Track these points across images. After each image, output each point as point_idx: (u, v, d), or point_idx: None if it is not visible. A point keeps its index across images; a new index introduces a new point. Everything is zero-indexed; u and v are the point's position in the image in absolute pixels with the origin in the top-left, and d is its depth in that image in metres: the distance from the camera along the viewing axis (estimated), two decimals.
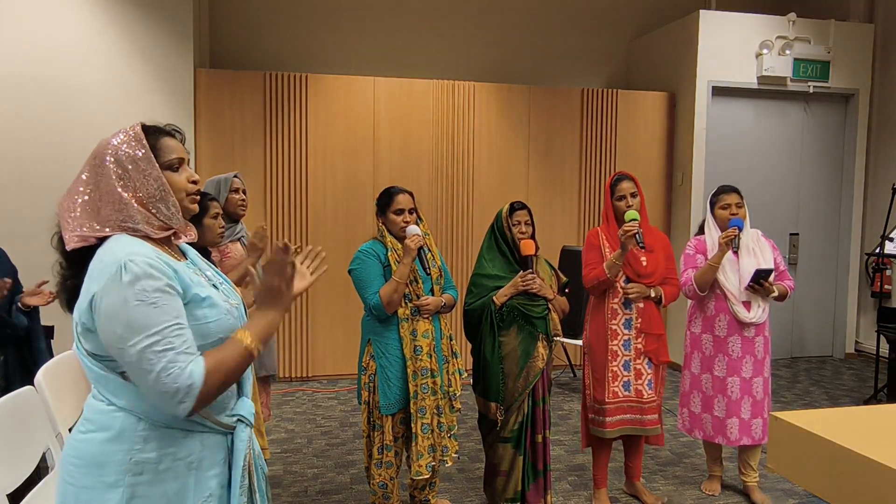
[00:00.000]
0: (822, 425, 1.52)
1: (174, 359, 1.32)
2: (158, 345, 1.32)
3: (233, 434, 1.51)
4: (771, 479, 3.72)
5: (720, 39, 6.06)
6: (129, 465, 1.38)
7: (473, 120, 5.93)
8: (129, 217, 1.43)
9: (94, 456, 1.40)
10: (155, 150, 1.47)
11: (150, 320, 1.33)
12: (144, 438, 1.39)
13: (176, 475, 1.42)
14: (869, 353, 6.48)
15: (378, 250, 2.98)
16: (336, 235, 5.68)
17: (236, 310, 1.57)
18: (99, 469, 1.39)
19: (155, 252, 1.41)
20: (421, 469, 2.93)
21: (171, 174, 1.49)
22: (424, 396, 2.93)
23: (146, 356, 1.31)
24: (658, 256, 3.28)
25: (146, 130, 1.49)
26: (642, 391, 3.23)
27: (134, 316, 1.32)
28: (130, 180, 1.44)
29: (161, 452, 1.40)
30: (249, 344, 1.43)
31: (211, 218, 2.95)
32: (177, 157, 1.50)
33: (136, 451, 1.39)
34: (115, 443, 1.39)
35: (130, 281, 1.33)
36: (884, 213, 5.77)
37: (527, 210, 3.17)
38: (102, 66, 5.12)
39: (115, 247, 1.39)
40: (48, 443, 2.41)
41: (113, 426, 1.40)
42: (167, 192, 1.47)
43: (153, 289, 1.35)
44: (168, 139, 1.51)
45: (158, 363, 1.31)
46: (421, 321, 2.96)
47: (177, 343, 1.34)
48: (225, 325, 1.48)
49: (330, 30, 6.37)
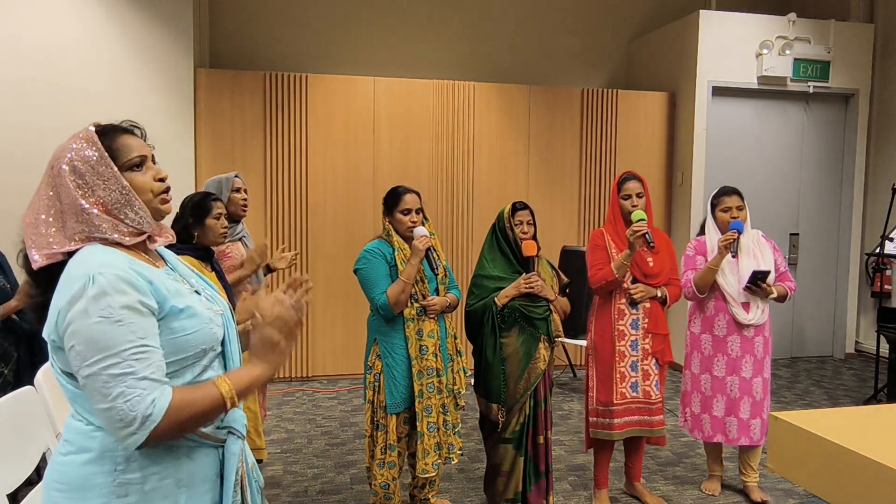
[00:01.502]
0: (822, 425, 1.52)
1: (133, 384, 1.22)
2: (117, 367, 1.22)
3: (223, 447, 1.43)
4: (771, 479, 3.72)
5: (720, 39, 6.06)
6: (114, 488, 1.30)
7: (473, 120, 5.94)
8: (96, 227, 1.33)
9: (77, 479, 1.31)
10: (112, 152, 1.36)
11: (112, 340, 1.23)
12: (126, 458, 1.30)
13: (164, 494, 1.33)
14: (869, 353, 6.48)
15: (384, 250, 2.98)
16: (336, 235, 5.68)
17: (220, 317, 1.47)
18: (83, 493, 1.31)
19: (128, 262, 1.32)
20: (427, 467, 2.94)
21: (134, 175, 1.38)
22: (430, 395, 2.94)
23: (102, 378, 1.22)
24: (663, 257, 3.28)
25: (100, 131, 1.39)
26: (650, 392, 3.23)
27: (94, 334, 1.23)
28: (90, 187, 1.33)
29: (145, 472, 1.31)
30: (225, 393, 1.32)
31: (213, 218, 2.94)
32: (137, 156, 1.39)
33: (118, 473, 1.30)
34: (96, 464, 1.31)
35: (96, 295, 1.24)
36: (884, 213, 5.77)
37: (529, 210, 3.16)
38: (102, 67, 5.12)
39: (84, 258, 1.30)
40: (48, 443, 2.41)
41: (92, 447, 1.31)
42: (131, 195, 1.36)
43: (120, 305, 1.25)
44: (126, 137, 1.40)
45: (116, 387, 1.22)
46: (427, 321, 2.97)
47: (138, 367, 1.24)
48: (206, 335, 1.39)
49: (330, 30, 6.37)
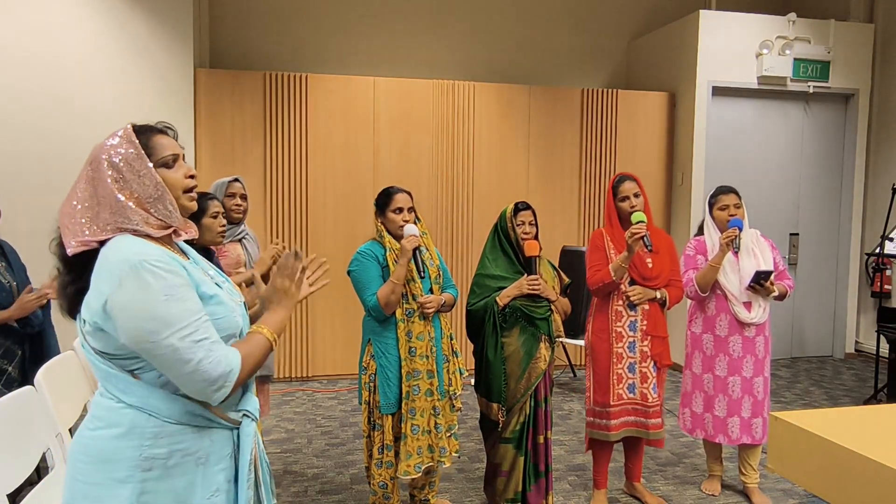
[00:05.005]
0: (822, 425, 1.52)
1: (212, 347, 1.39)
2: (195, 335, 1.37)
3: (238, 429, 1.53)
4: (771, 479, 3.72)
5: (720, 39, 6.06)
6: (139, 461, 1.39)
7: (473, 120, 5.93)
8: (128, 219, 1.43)
9: (103, 452, 1.41)
10: (147, 149, 1.47)
11: (182, 313, 1.37)
12: (155, 435, 1.41)
13: (184, 471, 1.43)
14: (869, 353, 6.48)
15: (376, 251, 2.98)
16: (336, 235, 5.68)
17: (240, 307, 1.60)
18: (108, 465, 1.40)
19: (162, 251, 1.43)
20: (409, 469, 2.93)
21: (166, 171, 1.49)
22: (416, 398, 2.93)
23: (184, 346, 1.35)
24: (663, 258, 3.26)
25: (137, 130, 1.49)
26: (647, 395, 3.21)
27: (165, 311, 1.35)
28: (126, 182, 1.44)
29: (171, 448, 1.42)
30: (269, 336, 1.53)
31: (210, 217, 2.96)
32: (171, 154, 1.50)
33: (146, 447, 1.40)
34: (124, 439, 1.40)
35: (154, 278, 1.36)
36: (884, 213, 5.77)
37: (531, 211, 3.16)
38: (102, 66, 5.13)
39: (121, 246, 1.40)
40: (48, 443, 2.41)
41: (122, 423, 1.41)
42: (164, 191, 1.47)
43: (178, 284, 1.39)
44: (160, 137, 1.51)
45: (199, 352, 1.36)
46: (417, 323, 2.95)
47: (209, 333, 1.40)
48: (231, 322, 1.51)
49: (330, 30, 6.37)
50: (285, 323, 1.61)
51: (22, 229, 4.64)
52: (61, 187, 1.53)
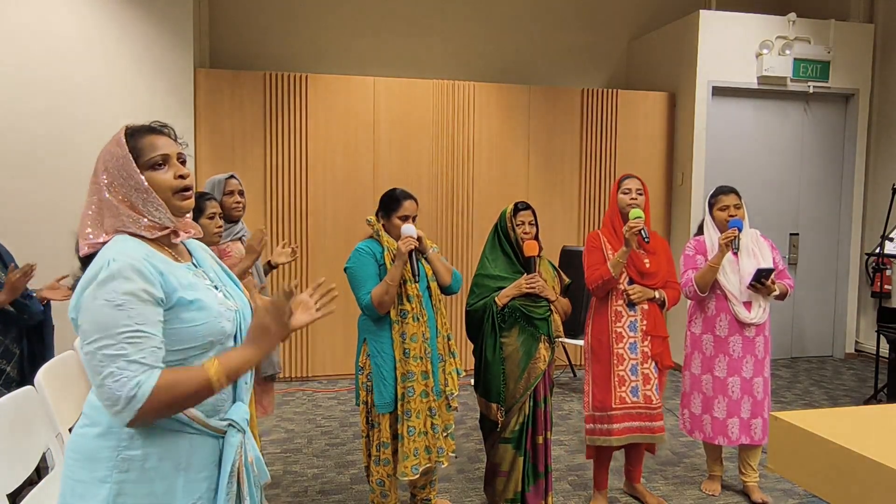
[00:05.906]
0: (822, 425, 1.51)
1: (123, 366, 1.31)
2: (111, 348, 1.32)
3: (224, 438, 1.50)
4: (771, 479, 3.71)
5: (720, 39, 6.06)
6: (117, 462, 1.39)
7: (473, 120, 5.93)
8: (122, 221, 1.45)
9: (88, 451, 1.42)
10: (136, 152, 1.46)
11: (111, 322, 1.33)
12: (130, 435, 1.40)
13: (163, 475, 1.41)
14: (869, 353, 6.48)
15: (375, 249, 2.98)
16: (335, 235, 5.68)
17: (234, 313, 1.54)
18: (91, 464, 1.41)
19: (145, 253, 1.42)
20: (406, 471, 2.93)
21: (154, 173, 1.47)
22: (411, 399, 2.93)
23: (98, 357, 1.32)
24: (660, 258, 3.27)
25: (131, 132, 1.49)
26: (651, 397, 3.20)
27: (97, 315, 1.33)
28: (116, 185, 1.46)
29: (146, 450, 1.40)
30: (212, 375, 1.39)
31: (207, 218, 2.94)
32: (160, 155, 1.47)
33: (122, 448, 1.39)
34: (104, 438, 1.40)
35: (104, 279, 1.35)
36: (884, 213, 5.77)
37: (531, 211, 3.16)
38: (102, 67, 5.12)
39: (110, 245, 1.42)
40: (48, 443, 2.41)
41: (101, 422, 1.41)
42: (149, 193, 1.46)
43: (123, 291, 1.34)
44: (152, 137, 1.49)
45: (107, 367, 1.31)
46: (410, 324, 2.95)
47: (130, 351, 1.32)
48: (213, 328, 1.46)
49: (330, 30, 6.36)
50: (248, 367, 1.48)
51: (23, 230, 4.64)
52: (61, 187, 1.54)
